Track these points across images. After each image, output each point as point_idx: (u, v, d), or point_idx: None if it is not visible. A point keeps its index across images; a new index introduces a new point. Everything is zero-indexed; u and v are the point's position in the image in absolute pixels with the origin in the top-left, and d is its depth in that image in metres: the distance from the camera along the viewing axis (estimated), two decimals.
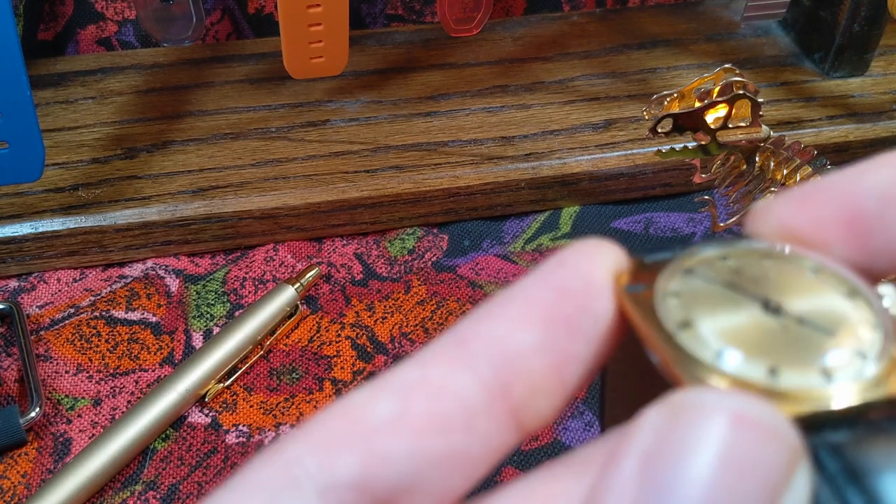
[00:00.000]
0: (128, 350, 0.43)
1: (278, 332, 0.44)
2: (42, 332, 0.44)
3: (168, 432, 0.41)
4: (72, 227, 0.45)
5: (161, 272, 0.47)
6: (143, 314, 0.45)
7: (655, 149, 0.42)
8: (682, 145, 0.42)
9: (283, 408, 0.41)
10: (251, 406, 0.42)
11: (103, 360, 0.43)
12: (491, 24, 0.58)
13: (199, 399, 0.41)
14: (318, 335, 0.44)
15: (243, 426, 0.41)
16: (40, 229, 0.45)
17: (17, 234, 0.45)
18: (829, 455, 0.15)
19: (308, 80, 0.52)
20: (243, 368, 0.43)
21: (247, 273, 0.47)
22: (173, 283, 0.46)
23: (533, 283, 0.19)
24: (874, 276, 0.19)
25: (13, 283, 0.46)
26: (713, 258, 0.19)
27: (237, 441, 0.40)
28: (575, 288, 0.18)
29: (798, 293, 0.18)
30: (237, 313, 0.44)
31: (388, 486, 0.17)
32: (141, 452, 0.40)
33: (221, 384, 0.42)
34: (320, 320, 0.45)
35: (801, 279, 0.18)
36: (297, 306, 0.44)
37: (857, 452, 0.15)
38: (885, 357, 0.17)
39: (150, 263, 0.47)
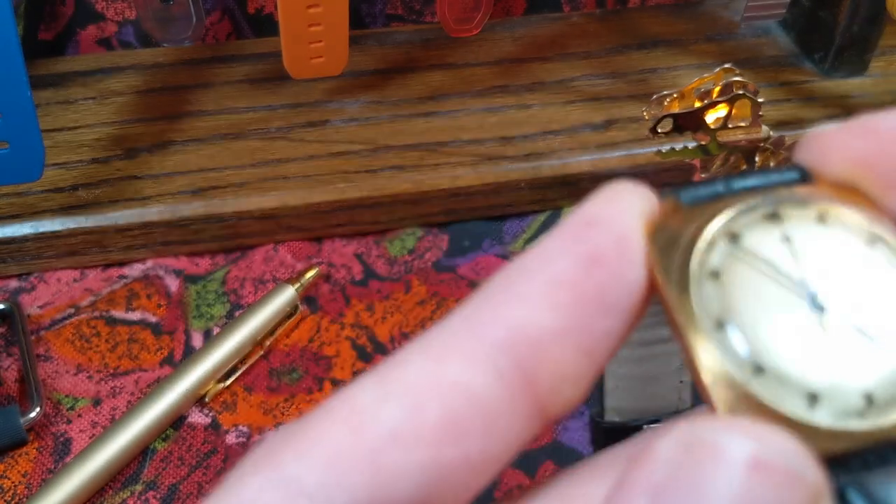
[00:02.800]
0: (128, 350, 0.43)
1: (278, 332, 0.44)
2: (42, 332, 0.44)
3: (168, 432, 0.41)
4: (72, 227, 0.45)
5: (161, 272, 0.47)
6: (143, 314, 0.45)
7: (656, 149, 0.42)
8: (682, 145, 0.42)
9: (283, 408, 0.41)
10: (251, 406, 0.42)
11: (103, 360, 0.43)
12: (491, 24, 0.58)
13: (199, 399, 0.41)
14: (318, 335, 0.44)
15: (243, 426, 0.41)
16: (40, 229, 0.45)
17: (17, 234, 0.45)
18: (858, 494, 0.14)
19: (308, 80, 0.52)
20: (243, 368, 0.43)
21: (247, 273, 0.47)
22: (173, 283, 0.46)
23: (557, 250, 0.16)
24: None
25: (13, 283, 0.46)
26: (761, 218, 0.16)
27: (237, 441, 0.40)
28: (607, 255, 0.16)
29: (848, 278, 0.16)
30: (237, 313, 0.44)
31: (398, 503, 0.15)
32: (141, 452, 0.40)
33: (221, 384, 0.42)
34: (320, 320, 0.45)
35: (855, 256, 0.16)
36: (296, 306, 0.44)
37: (889, 489, 0.14)
38: None
39: (150, 263, 0.47)
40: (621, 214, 0.16)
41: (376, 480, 0.15)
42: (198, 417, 0.41)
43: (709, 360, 0.15)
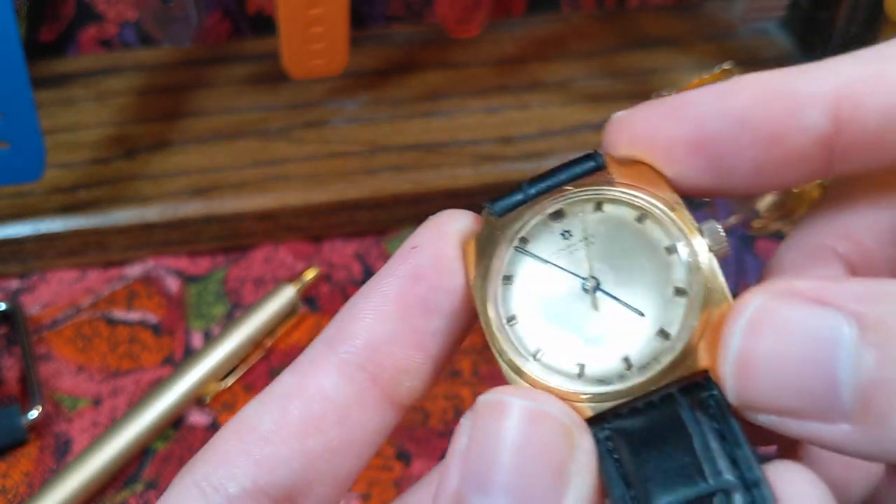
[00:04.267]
0: (128, 350, 0.43)
1: (278, 332, 0.44)
2: (43, 332, 0.44)
3: (168, 432, 0.41)
4: (72, 227, 0.45)
5: (161, 272, 0.47)
6: (143, 314, 0.45)
7: None
8: None
9: None
10: None
11: (104, 360, 0.43)
12: (491, 24, 0.58)
13: (198, 399, 0.41)
14: (317, 335, 0.44)
15: None
16: (41, 230, 0.45)
17: (18, 234, 0.45)
18: (617, 440, 0.18)
19: (308, 81, 0.52)
20: (243, 368, 0.43)
21: (247, 273, 0.47)
22: (173, 284, 0.46)
23: (386, 272, 0.21)
24: (727, 195, 0.21)
25: (14, 283, 0.46)
26: (547, 219, 0.20)
27: None
28: (426, 270, 0.20)
29: (619, 257, 0.20)
30: (237, 313, 0.44)
31: (282, 487, 0.20)
32: (141, 452, 0.40)
33: (221, 384, 0.42)
34: (320, 320, 0.45)
35: (626, 234, 0.20)
36: (296, 306, 0.44)
37: (643, 433, 0.18)
38: (686, 330, 0.19)
39: (150, 263, 0.47)
40: (438, 236, 0.21)
41: (259, 470, 0.20)
42: (198, 417, 0.41)
43: (501, 350, 0.19)
